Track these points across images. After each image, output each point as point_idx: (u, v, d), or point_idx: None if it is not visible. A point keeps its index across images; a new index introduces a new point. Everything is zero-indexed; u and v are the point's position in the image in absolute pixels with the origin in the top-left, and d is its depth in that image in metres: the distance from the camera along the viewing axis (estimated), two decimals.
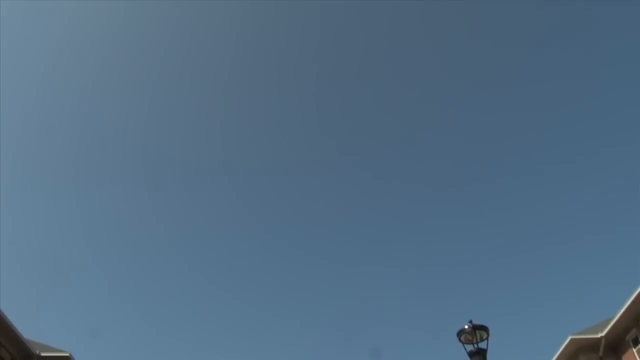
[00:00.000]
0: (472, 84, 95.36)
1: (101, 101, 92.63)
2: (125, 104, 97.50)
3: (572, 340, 29.42)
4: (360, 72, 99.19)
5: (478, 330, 9.25)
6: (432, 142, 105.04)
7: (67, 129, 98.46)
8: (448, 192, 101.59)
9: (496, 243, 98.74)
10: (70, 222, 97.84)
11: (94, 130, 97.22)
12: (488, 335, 9.29)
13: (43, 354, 27.23)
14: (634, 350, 27.37)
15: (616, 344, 28.93)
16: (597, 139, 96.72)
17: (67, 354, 27.69)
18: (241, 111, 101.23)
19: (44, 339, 29.92)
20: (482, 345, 9.19)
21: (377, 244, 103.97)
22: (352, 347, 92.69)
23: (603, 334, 28.37)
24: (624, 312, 26.64)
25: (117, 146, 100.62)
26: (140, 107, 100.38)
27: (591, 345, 29.36)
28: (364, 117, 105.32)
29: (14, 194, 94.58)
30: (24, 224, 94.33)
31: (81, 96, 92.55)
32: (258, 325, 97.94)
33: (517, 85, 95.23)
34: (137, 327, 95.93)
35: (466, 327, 9.30)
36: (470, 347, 9.24)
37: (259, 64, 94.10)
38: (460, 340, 9.30)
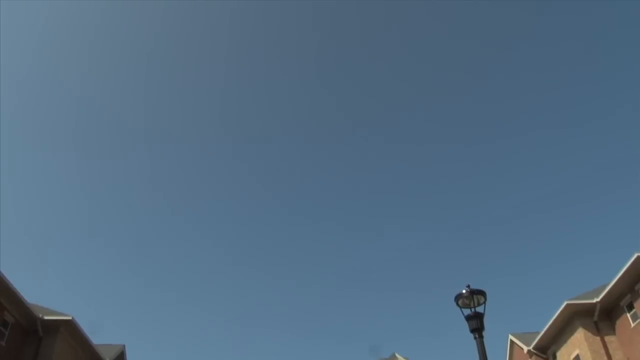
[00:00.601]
0: (473, 45, 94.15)
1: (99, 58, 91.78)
2: (124, 62, 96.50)
3: (567, 305, 29.81)
4: (362, 32, 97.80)
5: (475, 294, 9.34)
6: (431, 103, 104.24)
7: (67, 94, 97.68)
8: (447, 153, 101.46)
9: (495, 206, 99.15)
10: (72, 190, 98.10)
11: (92, 92, 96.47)
12: (485, 299, 9.38)
13: (46, 318, 27.64)
14: (628, 315, 27.77)
15: (611, 309, 29.34)
16: (598, 101, 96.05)
17: (70, 317, 28.10)
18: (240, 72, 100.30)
19: (47, 304, 30.30)
20: (479, 309, 9.29)
21: (376, 206, 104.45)
22: (351, 308, 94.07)
23: (598, 299, 28.72)
24: (619, 279, 26.89)
25: (116, 103, 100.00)
26: (140, 62, 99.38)
27: (586, 310, 29.79)
28: (366, 78, 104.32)
29: (18, 164, 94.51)
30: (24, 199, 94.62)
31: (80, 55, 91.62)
32: (256, 284, 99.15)
33: (518, 47, 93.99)
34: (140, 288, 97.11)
35: (464, 291, 9.39)
36: (467, 311, 9.35)
37: (259, 24, 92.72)
38: (457, 304, 9.41)
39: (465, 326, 9.34)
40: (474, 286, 9.38)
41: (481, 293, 9.32)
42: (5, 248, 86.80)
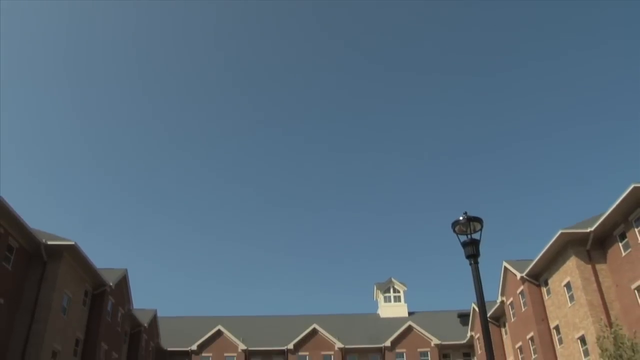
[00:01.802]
0: None
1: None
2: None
3: (562, 234, 30.29)
4: None
5: (472, 222, 9.31)
6: (432, 32, 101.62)
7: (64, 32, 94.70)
8: (449, 82, 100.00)
9: (492, 133, 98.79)
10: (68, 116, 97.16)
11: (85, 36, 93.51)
12: (481, 227, 9.37)
13: (49, 243, 28.13)
14: (620, 244, 28.23)
15: (604, 238, 29.82)
16: (599, 33, 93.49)
17: (72, 243, 28.61)
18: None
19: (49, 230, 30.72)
20: (476, 236, 9.30)
21: (378, 131, 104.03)
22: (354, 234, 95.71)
23: (592, 228, 29.12)
24: (614, 209, 27.11)
25: (110, 47, 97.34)
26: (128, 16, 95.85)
27: (580, 239, 30.31)
28: (367, 12, 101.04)
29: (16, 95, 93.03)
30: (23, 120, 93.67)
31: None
32: (258, 210, 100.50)
33: None
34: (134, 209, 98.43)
35: (461, 218, 9.36)
36: (463, 238, 9.38)
37: None
38: (454, 231, 9.42)
39: (461, 252, 9.41)
40: (471, 214, 9.34)
41: (478, 220, 9.29)
42: (5, 176, 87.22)
